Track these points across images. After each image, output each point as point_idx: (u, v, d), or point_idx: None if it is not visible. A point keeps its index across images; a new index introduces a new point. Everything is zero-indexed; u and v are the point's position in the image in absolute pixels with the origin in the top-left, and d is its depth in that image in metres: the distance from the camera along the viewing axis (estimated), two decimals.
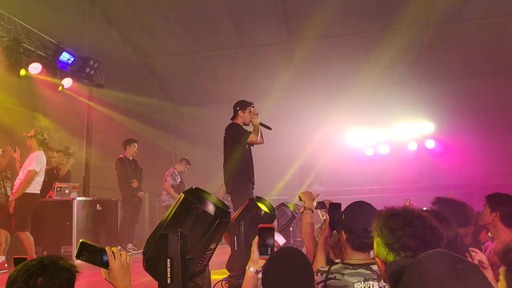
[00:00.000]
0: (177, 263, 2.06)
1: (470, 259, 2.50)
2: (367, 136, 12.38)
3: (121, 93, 10.03)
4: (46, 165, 6.49)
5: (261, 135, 5.61)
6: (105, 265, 2.00)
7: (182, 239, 2.10)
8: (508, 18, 10.05)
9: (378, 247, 1.69)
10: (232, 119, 5.74)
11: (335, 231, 2.84)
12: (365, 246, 2.34)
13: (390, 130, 12.24)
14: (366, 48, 10.72)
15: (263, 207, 4.41)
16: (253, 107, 5.70)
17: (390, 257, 1.60)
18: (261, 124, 5.59)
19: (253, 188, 5.62)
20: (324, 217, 3.00)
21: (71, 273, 1.73)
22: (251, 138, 5.46)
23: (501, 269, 1.71)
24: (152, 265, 2.27)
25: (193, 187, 2.48)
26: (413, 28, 10.53)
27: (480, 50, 10.80)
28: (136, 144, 8.39)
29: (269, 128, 5.64)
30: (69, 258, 6.15)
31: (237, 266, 3.79)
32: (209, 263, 2.69)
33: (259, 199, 4.44)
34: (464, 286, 0.98)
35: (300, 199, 3.44)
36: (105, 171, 9.44)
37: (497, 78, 11.60)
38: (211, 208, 2.29)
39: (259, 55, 11.24)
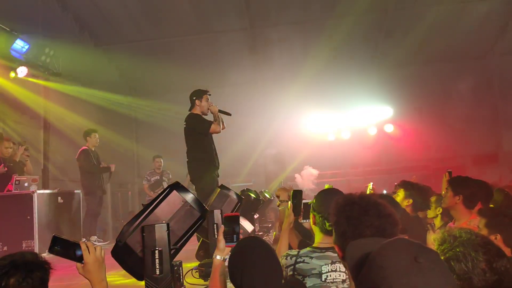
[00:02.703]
0: (166, 254, 2.06)
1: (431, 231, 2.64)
2: (328, 122, 12.60)
3: (79, 81, 9.72)
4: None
5: (222, 122, 5.63)
6: (79, 259, 1.97)
7: (168, 230, 2.10)
8: (463, 5, 10.43)
9: (335, 235, 1.72)
10: (190, 109, 5.71)
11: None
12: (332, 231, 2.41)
13: (351, 115, 12.51)
14: (327, 33, 10.84)
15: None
16: (209, 95, 5.69)
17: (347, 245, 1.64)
18: (220, 111, 5.59)
19: (218, 176, 5.64)
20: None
21: (45, 270, 1.69)
22: (213, 128, 5.46)
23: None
24: (126, 252, 2.25)
25: (178, 182, 2.47)
26: (372, 14, 10.74)
27: (438, 36, 11.15)
28: (96, 134, 8.18)
29: (229, 114, 5.65)
30: None
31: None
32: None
33: (225, 187, 4.48)
34: (425, 282, 1.00)
35: (278, 196, 3.52)
36: (65, 162, 9.17)
37: (454, 63, 12.04)
38: (199, 207, 2.30)
39: (221, 42, 11.16)
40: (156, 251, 2.05)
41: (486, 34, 11.52)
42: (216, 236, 3.68)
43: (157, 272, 2.05)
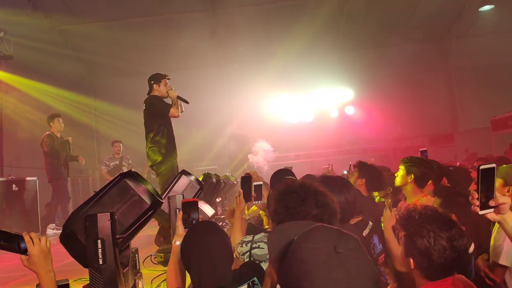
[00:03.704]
0: (109, 244, 2.02)
1: (389, 211, 2.71)
2: (291, 105, 12.68)
3: (34, 64, 9.32)
4: None
5: (181, 107, 5.52)
6: (24, 251, 1.91)
7: (112, 219, 2.05)
8: None
9: (275, 224, 1.73)
10: (148, 93, 5.59)
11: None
12: None
13: (313, 98, 12.62)
14: (289, 16, 10.83)
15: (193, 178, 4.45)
16: (168, 79, 5.57)
17: None
18: (178, 97, 5.49)
19: (175, 159, 5.57)
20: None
21: None
22: (172, 112, 5.35)
23: (401, 235, 1.82)
24: (72, 240, 2.21)
25: (132, 171, 2.41)
26: None
27: (397, 19, 11.32)
28: (60, 119, 7.92)
29: (187, 102, 5.55)
30: None
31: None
32: (137, 238, 2.68)
33: (187, 172, 4.45)
34: (345, 274, 1.00)
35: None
36: (20, 149, 8.85)
37: (412, 45, 12.29)
38: (148, 198, 2.25)
39: (181, 23, 10.92)
40: (99, 241, 2.02)
41: (443, 17, 11.79)
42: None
43: (100, 261, 2.02)
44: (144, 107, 5.47)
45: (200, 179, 5.11)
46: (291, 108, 12.74)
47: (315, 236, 1.08)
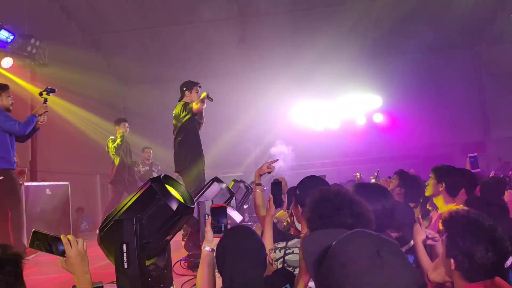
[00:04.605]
0: (133, 248, 2.06)
1: (419, 224, 2.65)
2: (318, 111, 12.61)
3: (67, 73, 9.58)
4: None
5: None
6: (61, 253, 1.96)
7: (137, 224, 2.09)
8: None
9: (308, 231, 1.73)
10: (179, 100, 5.69)
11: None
12: None
13: (340, 105, 12.53)
14: (317, 23, 10.81)
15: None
16: (199, 87, 5.67)
17: None
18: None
19: (203, 166, 5.62)
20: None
21: (17, 264, 1.64)
22: (196, 107, 5.43)
23: (444, 236, 1.83)
24: (106, 242, 2.27)
25: (162, 175, 2.45)
26: (361, 3, 10.73)
27: (426, 25, 11.15)
28: (126, 123, 8.21)
29: (211, 99, 5.56)
30: None
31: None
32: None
33: (219, 180, 4.48)
34: (389, 277, 0.98)
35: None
36: (52, 154, 9.09)
37: (442, 52, 12.07)
38: (174, 203, 2.28)
39: (209, 31, 11.06)
40: (124, 245, 2.06)
41: (475, 23, 11.54)
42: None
43: (125, 265, 2.06)
44: (174, 113, 5.57)
45: (230, 186, 5.15)
46: (317, 115, 12.68)
47: (356, 240, 1.07)
